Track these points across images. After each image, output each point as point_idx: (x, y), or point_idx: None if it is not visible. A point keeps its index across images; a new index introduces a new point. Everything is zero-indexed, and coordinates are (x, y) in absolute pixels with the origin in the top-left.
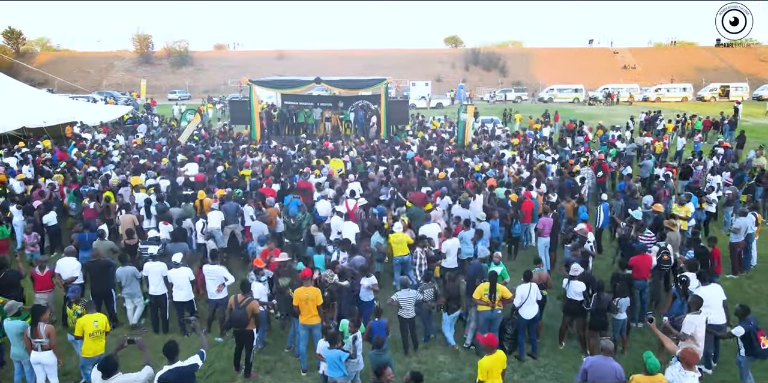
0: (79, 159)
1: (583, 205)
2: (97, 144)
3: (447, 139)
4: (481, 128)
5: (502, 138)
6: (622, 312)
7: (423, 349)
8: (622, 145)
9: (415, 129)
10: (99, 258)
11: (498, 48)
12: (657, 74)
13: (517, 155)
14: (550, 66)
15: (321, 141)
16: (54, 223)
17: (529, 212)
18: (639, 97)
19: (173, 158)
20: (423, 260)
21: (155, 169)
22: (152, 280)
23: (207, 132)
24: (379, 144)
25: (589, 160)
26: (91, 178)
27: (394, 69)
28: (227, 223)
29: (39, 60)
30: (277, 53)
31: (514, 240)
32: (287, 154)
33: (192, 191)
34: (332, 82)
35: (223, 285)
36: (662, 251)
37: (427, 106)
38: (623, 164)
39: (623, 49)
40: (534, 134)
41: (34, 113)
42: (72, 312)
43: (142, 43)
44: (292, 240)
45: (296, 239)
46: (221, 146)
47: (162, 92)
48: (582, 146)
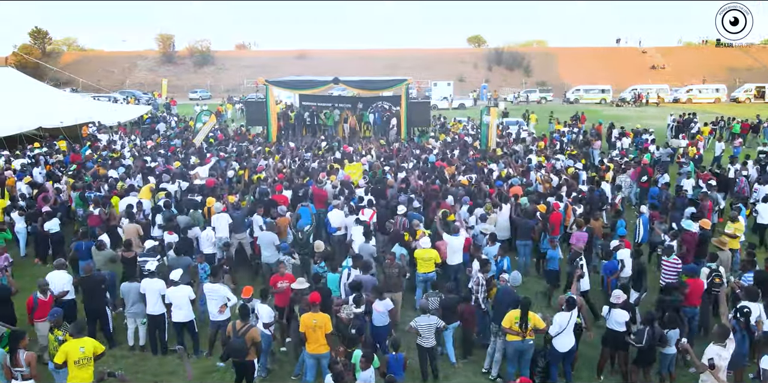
0: (89, 161)
1: (621, 218)
2: (109, 146)
3: (470, 142)
4: (505, 130)
5: (527, 141)
6: (671, 345)
7: (444, 380)
8: (657, 149)
9: (436, 132)
10: (91, 273)
11: (522, 47)
12: (687, 75)
13: (544, 161)
14: (576, 66)
15: (340, 144)
16: (56, 230)
17: (558, 224)
18: (669, 98)
19: (186, 161)
20: (483, 286)
21: (167, 172)
22: (149, 298)
23: (223, 134)
24: (399, 147)
25: (623, 165)
26: (98, 182)
27: (416, 69)
28: (236, 232)
29: (65, 60)
30: (297, 53)
31: (542, 255)
32: (304, 157)
33: (201, 198)
34: (351, 83)
35: (226, 306)
36: (713, 274)
37: (449, 107)
38: (659, 172)
39: (651, 49)
40: (561, 137)
41: (52, 113)
42: (53, 338)
43: (165, 43)
44: (301, 254)
45: (305, 253)
46: (235, 148)
47: (184, 92)
48: (620, 150)
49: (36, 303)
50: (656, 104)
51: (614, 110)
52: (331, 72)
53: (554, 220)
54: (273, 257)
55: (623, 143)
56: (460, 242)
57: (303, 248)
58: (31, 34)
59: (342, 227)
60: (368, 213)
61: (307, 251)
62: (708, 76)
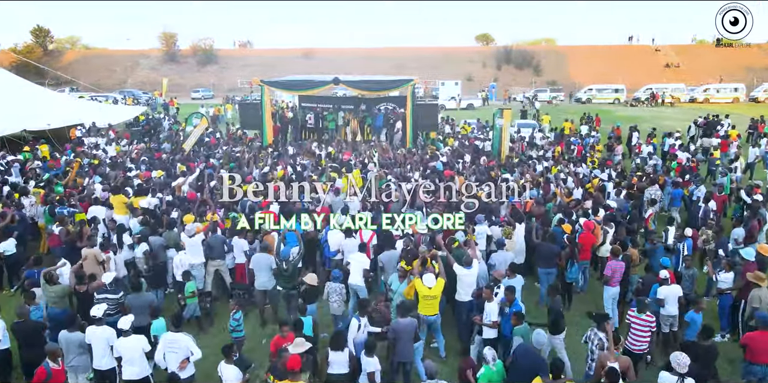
0: (56, 169)
1: (661, 245)
2: (90, 151)
3: (482, 148)
4: (517, 134)
5: (543, 146)
6: None
7: None
8: (685, 155)
9: (444, 135)
10: (26, 319)
11: (531, 46)
12: (703, 73)
13: (564, 169)
14: (587, 64)
15: (341, 150)
16: (11, 252)
17: (589, 247)
18: (685, 98)
19: (171, 169)
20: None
21: (147, 182)
22: (96, 350)
23: (215, 138)
24: (405, 154)
25: (651, 175)
26: (69, 195)
27: (423, 68)
28: (212, 257)
29: (67, 58)
30: (302, 52)
31: (568, 286)
32: (302, 165)
33: (179, 213)
34: (352, 84)
35: (188, 360)
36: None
37: (456, 107)
38: (692, 183)
39: (665, 47)
40: (580, 141)
41: (39, 115)
42: None
43: (168, 41)
44: (286, 289)
45: (291, 288)
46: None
47: (186, 91)
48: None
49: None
50: (671, 104)
51: (629, 111)
52: (337, 71)
53: (584, 242)
54: (269, 283)
55: (646, 149)
56: (473, 276)
57: (288, 281)
58: (32, 33)
59: (342, 251)
60: (368, 234)
61: (293, 285)
62: (724, 75)
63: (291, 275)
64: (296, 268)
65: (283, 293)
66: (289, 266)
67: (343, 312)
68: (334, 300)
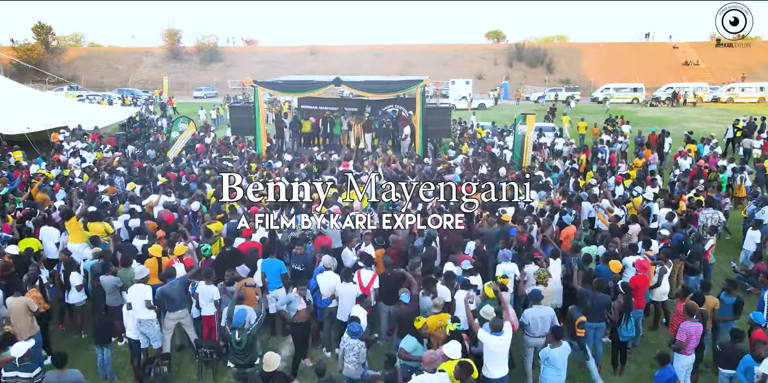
0: (11, 183)
1: (735, 291)
2: (68, 158)
3: (499, 156)
4: (538, 139)
5: (571, 155)
6: None
7: None
8: (724, 163)
9: (457, 141)
10: None
11: (543, 43)
12: (723, 72)
13: (583, 183)
14: (601, 62)
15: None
16: None
17: (643, 293)
18: (708, 97)
19: (147, 182)
20: None
21: (114, 199)
22: None
23: (204, 145)
24: (414, 164)
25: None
26: (24, 216)
27: (432, 66)
28: (173, 308)
29: (69, 56)
30: (309, 49)
31: (621, 345)
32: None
33: (146, 242)
34: (355, 85)
35: None
36: None
37: (468, 107)
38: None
39: (683, 44)
40: (608, 149)
41: (18, 117)
42: None
43: (172, 39)
44: (238, 366)
45: (246, 365)
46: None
47: (189, 89)
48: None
49: None
50: (693, 103)
51: (649, 111)
52: (344, 69)
53: (638, 286)
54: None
55: (685, 162)
56: (506, 346)
57: (242, 355)
58: (33, 30)
59: (336, 298)
60: (366, 277)
61: (249, 361)
62: (747, 73)
63: (245, 350)
64: (250, 341)
65: (236, 372)
66: (242, 339)
67: (362, 375)
68: (350, 361)
